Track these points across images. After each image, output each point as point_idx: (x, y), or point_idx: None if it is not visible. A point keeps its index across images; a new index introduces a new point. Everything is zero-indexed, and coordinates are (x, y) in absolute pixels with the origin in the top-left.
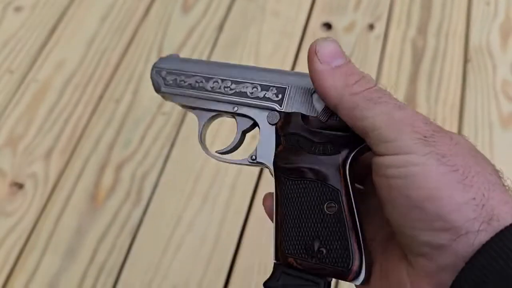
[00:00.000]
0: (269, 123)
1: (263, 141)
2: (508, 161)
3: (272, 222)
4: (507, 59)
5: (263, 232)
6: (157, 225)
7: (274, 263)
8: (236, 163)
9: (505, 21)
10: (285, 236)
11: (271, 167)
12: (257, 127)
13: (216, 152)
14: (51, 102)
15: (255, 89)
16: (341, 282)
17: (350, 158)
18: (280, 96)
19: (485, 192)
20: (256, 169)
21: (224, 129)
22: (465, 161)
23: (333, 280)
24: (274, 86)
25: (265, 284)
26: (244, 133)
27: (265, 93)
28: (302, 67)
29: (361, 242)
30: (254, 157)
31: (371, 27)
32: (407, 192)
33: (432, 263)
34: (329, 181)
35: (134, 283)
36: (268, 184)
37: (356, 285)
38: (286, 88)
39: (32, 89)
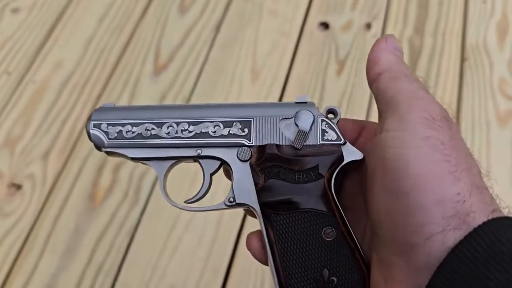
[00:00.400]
0: (241, 160)
1: (238, 180)
2: (505, 158)
3: (262, 263)
4: (504, 57)
5: None
6: (155, 225)
7: None
8: (210, 210)
9: (502, 19)
10: (290, 274)
11: (255, 206)
12: (222, 167)
13: (185, 202)
14: (48, 102)
15: (217, 127)
16: None
17: (333, 178)
18: (246, 130)
19: (469, 188)
20: None
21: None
22: (459, 155)
23: None
24: (237, 121)
25: None
26: (211, 175)
27: (229, 130)
28: (299, 66)
29: (365, 260)
30: (232, 199)
31: (368, 26)
32: (400, 177)
33: (407, 263)
34: (321, 207)
35: (132, 283)
36: None
37: None
38: (251, 120)
39: (30, 90)
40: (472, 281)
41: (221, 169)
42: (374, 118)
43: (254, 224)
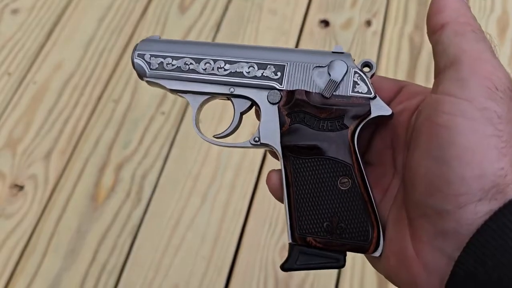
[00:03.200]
0: (270, 103)
1: (265, 121)
2: None
3: (277, 199)
4: (504, 53)
5: (263, 229)
6: (158, 225)
7: (289, 244)
8: (236, 147)
9: (502, 15)
10: (301, 216)
11: (277, 147)
12: (254, 108)
13: (214, 136)
14: (49, 103)
15: (251, 68)
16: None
17: (358, 131)
18: (279, 74)
19: None
20: (256, 166)
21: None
22: None
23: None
24: (271, 64)
25: (282, 266)
26: (241, 114)
27: (263, 72)
28: None
29: (377, 214)
30: (257, 138)
31: (368, 23)
32: (446, 145)
33: (434, 226)
34: (340, 157)
35: (135, 282)
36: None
37: (367, 258)
38: (285, 65)
39: (31, 91)
40: (501, 255)
41: (253, 110)
42: None
43: (257, 221)
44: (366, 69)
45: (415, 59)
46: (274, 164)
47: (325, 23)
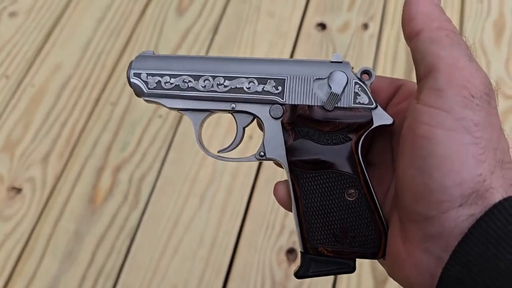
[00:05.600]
0: (273, 117)
1: (269, 136)
2: None
3: (286, 210)
4: (501, 56)
5: (261, 231)
6: (155, 227)
7: (301, 253)
8: (241, 161)
9: (499, 18)
10: (311, 227)
11: (284, 162)
12: (255, 120)
13: (218, 152)
14: (47, 106)
15: (251, 83)
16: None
17: (361, 142)
18: (280, 88)
19: (492, 168)
20: (253, 169)
21: (221, 129)
22: (491, 134)
23: None
24: (271, 78)
25: (296, 274)
26: (244, 128)
27: (264, 87)
28: None
29: (384, 220)
30: (262, 153)
31: (365, 26)
32: (427, 156)
33: (421, 230)
34: (346, 170)
35: (133, 285)
36: (266, 183)
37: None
38: (285, 79)
39: (29, 93)
40: (484, 261)
41: (255, 122)
42: None
43: (254, 223)
44: (365, 76)
45: (412, 62)
46: (271, 167)
47: (322, 26)
